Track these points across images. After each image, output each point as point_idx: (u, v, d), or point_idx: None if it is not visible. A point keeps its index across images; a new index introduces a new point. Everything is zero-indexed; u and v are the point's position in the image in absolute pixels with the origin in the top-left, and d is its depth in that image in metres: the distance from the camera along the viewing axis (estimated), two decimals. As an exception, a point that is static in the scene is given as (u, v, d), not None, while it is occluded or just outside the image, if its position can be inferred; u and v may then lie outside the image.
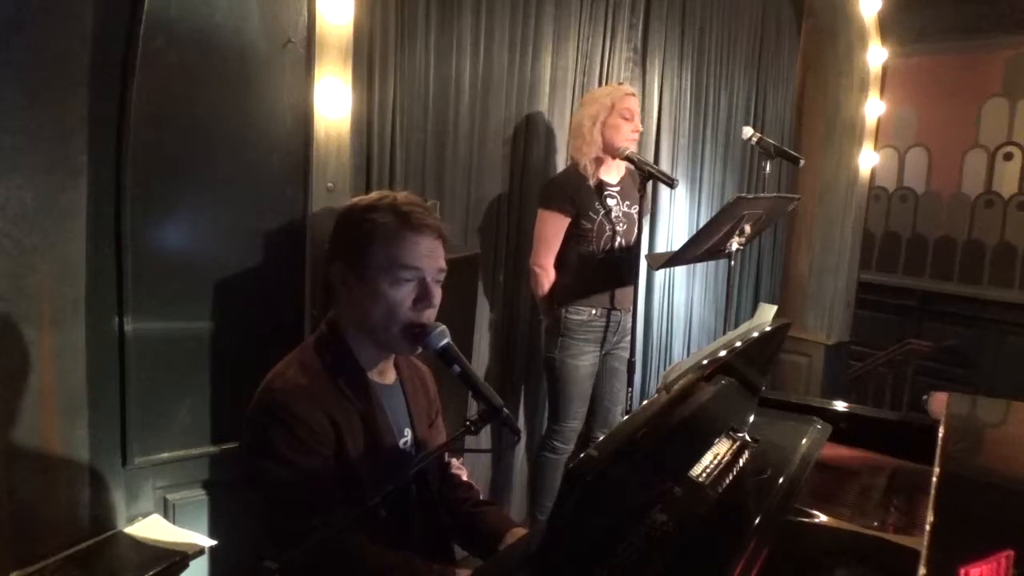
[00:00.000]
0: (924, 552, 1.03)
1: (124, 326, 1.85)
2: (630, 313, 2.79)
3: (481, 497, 1.65)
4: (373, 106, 2.35)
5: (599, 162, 2.75)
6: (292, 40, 2.03)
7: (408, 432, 1.50)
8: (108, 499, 1.86)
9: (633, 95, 2.76)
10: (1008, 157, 4.90)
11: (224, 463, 2.06)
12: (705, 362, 1.41)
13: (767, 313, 1.73)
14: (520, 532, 1.51)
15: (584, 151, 2.71)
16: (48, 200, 1.65)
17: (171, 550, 1.80)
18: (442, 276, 1.43)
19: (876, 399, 4.96)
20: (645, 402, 1.24)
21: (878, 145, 4.50)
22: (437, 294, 1.41)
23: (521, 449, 3.16)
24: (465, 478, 1.66)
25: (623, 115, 2.68)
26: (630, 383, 2.71)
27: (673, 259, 2.78)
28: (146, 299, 1.89)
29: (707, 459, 1.51)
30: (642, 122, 3.35)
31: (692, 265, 3.66)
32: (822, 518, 1.42)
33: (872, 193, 4.88)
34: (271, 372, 1.41)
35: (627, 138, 2.69)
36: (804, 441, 1.71)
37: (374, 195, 1.46)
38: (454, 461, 1.67)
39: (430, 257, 1.40)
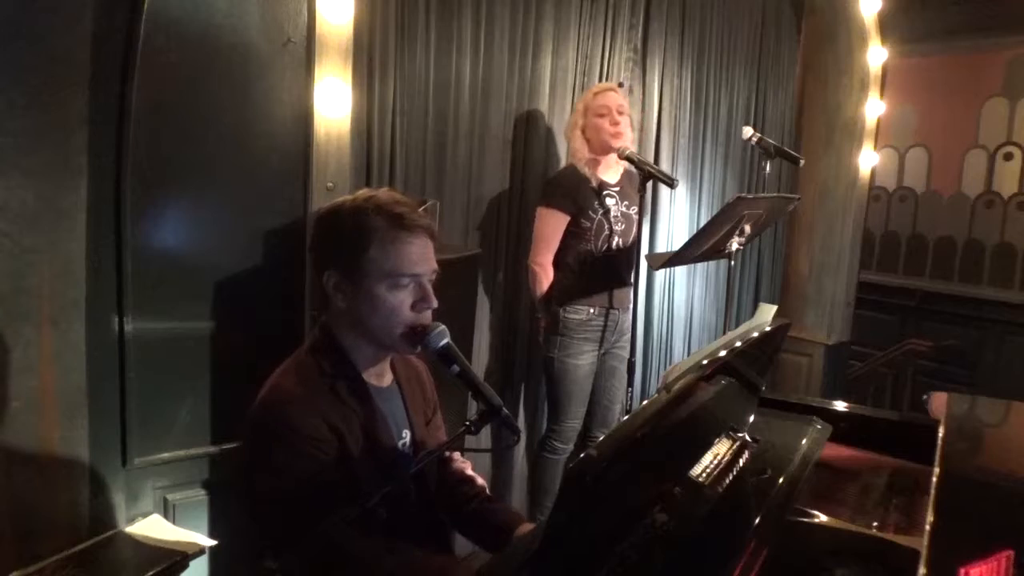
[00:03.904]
0: (924, 552, 1.03)
1: (124, 326, 1.86)
2: (629, 312, 2.80)
3: (487, 491, 1.65)
4: (373, 106, 2.35)
5: (595, 163, 2.76)
6: (292, 40, 2.03)
7: (407, 433, 1.50)
8: (108, 499, 1.87)
9: (605, 91, 2.74)
10: (1008, 157, 4.90)
11: (224, 463, 2.06)
12: (705, 362, 1.41)
13: (767, 313, 1.73)
14: (529, 527, 1.51)
15: (578, 156, 2.75)
16: (48, 200, 1.65)
17: (171, 550, 1.80)
18: (435, 276, 1.42)
19: (876, 399, 4.95)
20: (645, 402, 1.24)
21: (878, 145, 4.49)
22: (433, 293, 1.41)
23: (521, 449, 3.16)
24: (470, 472, 1.66)
25: (598, 112, 2.69)
26: (630, 383, 2.71)
27: (673, 259, 2.78)
28: (146, 299, 1.89)
29: (707, 459, 1.50)
30: (640, 119, 3.37)
31: (692, 265, 3.66)
32: (822, 518, 1.42)
33: (872, 193, 4.87)
34: (268, 383, 1.40)
35: (609, 132, 2.68)
36: (804, 441, 1.71)
37: (359, 196, 1.42)
38: (456, 455, 1.66)
39: (425, 259, 1.39)
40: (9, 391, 1.63)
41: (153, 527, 1.91)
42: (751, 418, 1.80)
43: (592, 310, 2.78)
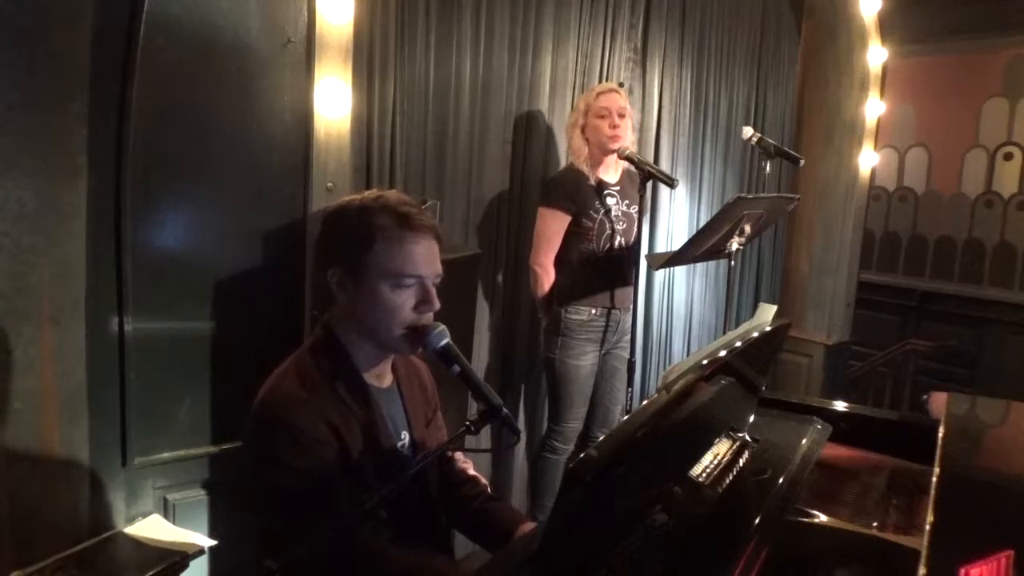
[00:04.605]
0: (924, 552, 1.03)
1: (124, 326, 1.85)
2: (629, 312, 2.80)
3: (489, 491, 1.65)
4: (373, 106, 2.35)
5: (595, 163, 2.76)
6: (292, 40, 2.03)
7: (405, 435, 1.50)
8: (108, 499, 1.87)
9: (608, 92, 2.73)
10: (1008, 157, 4.90)
11: (224, 463, 2.06)
12: (705, 362, 1.41)
13: (767, 313, 1.73)
14: (530, 526, 1.51)
15: (578, 155, 2.76)
16: (48, 200, 1.65)
17: (171, 550, 1.80)
18: (438, 280, 1.43)
19: (876, 399, 4.96)
20: (645, 402, 1.24)
21: (878, 145, 4.50)
22: (435, 296, 1.41)
23: (521, 449, 3.16)
24: (472, 472, 1.66)
25: (599, 114, 2.69)
26: (630, 383, 2.71)
27: (673, 259, 2.78)
28: (146, 299, 1.89)
29: (707, 459, 1.50)
30: (640, 119, 3.36)
31: (692, 265, 3.66)
32: (822, 518, 1.42)
33: (872, 193, 4.87)
34: (268, 383, 1.40)
35: (608, 135, 2.68)
36: (804, 441, 1.71)
37: (367, 195, 1.42)
38: (459, 455, 1.66)
39: (430, 261, 1.39)
40: (9, 391, 1.63)
41: (153, 527, 1.91)
42: (751, 418, 1.80)
43: (593, 310, 2.78)
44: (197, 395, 2.03)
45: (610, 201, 2.76)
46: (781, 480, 1.49)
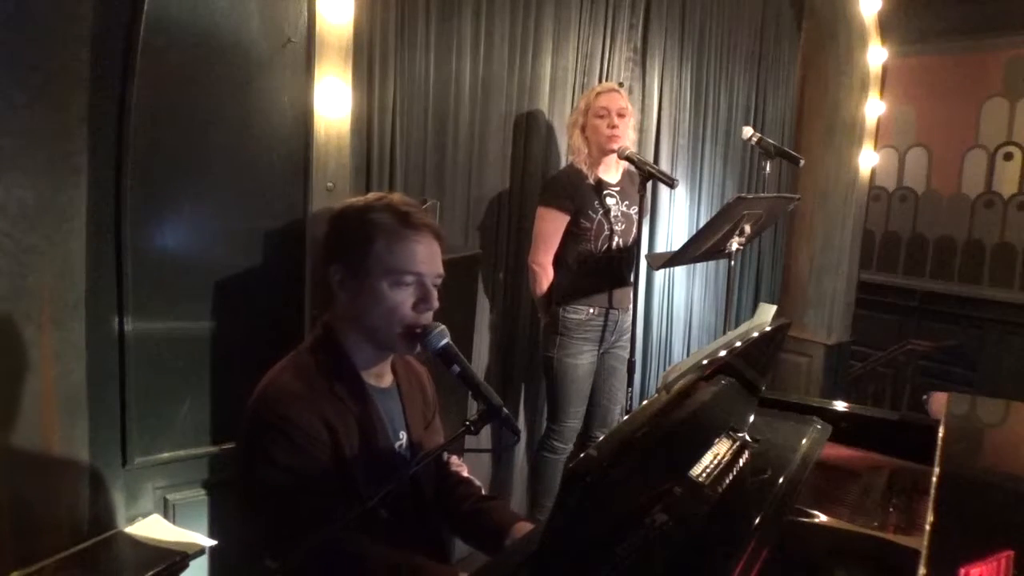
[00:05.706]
0: (924, 552, 1.03)
1: (124, 326, 1.85)
2: (628, 312, 2.80)
3: (483, 492, 1.65)
4: (373, 106, 2.35)
5: (595, 163, 2.76)
6: (292, 40, 2.03)
7: (403, 435, 1.49)
8: (108, 499, 1.87)
9: (608, 91, 2.73)
10: (1008, 157, 4.90)
11: (224, 463, 2.06)
12: (705, 362, 1.41)
13: (767, 313, 1.73)
14: (526, 526, 1.50)
15: (578, 155, 2.76)
16: (48, 200, 1.65)
17: (171, 550, 1.80)
18: (439, 280, 1.43)
19: (876, 399, 4.95)
20: (645, 402, 1.24)
21: (878, 145, 4.50)
22: (436, 296, 1.41)
23: (521, 449, 3.16)
24: (465, 474, 1.65)
25: (598, 114, 2.69)
26: (630, 383, 2.71)
27: (673, 259, 2.78)
28: (146, 299, 1.89)
29: (707, 459, 1.50)
30: (640, 119, 3.36)
31: (692, 265, 3.66)
32: (822, 518, 1.42)
33: (872, 193, 4.88)
34: (266, 377, 1.40)
35: (606, 136, 2.68)
36: (804, 441, 1.71)
37: (370, 196, 1.45)
38: (453, 459, 1.66)
39: (430, 260, 1.40)
40: (9, 391, 1.63)
41: (153, 527, 1.91)
42: (751, 418, 1.80)
43: (592, 310, 2.78)
44: (197, 395, 2.03)
45: (609, 201, 2.76)
46: (781, 480, 1.49)
